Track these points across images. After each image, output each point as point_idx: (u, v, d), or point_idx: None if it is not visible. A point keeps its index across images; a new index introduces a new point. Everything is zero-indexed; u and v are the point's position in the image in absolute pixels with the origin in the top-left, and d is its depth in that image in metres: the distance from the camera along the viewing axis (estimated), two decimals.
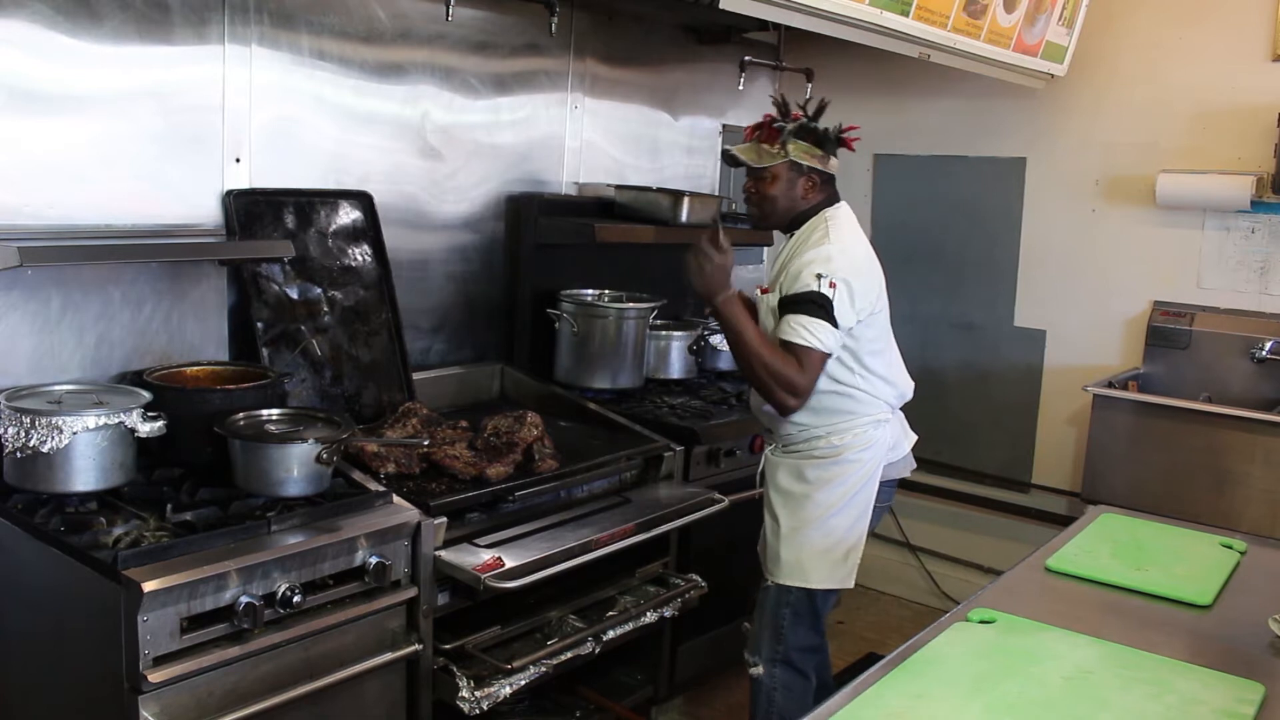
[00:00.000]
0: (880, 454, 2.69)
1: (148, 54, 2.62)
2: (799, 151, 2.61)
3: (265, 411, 2.49)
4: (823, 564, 2.65)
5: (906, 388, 2.78)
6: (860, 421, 2.66)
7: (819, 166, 2.64)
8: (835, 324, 2.50)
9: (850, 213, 2.72)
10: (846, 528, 2.67)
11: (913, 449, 2.87)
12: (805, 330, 2.49)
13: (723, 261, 2.57)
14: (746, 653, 2.78)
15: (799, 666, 2.71)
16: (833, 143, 2.65)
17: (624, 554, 2.83)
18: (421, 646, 2.45)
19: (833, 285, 2.49)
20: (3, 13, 2.36)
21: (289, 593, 2.17)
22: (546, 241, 3.54)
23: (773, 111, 2.68)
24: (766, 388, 2.54)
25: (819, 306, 2.48)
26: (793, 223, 2.68)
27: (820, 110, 2.68)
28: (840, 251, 2.56)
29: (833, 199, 2.69)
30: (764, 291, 2.71)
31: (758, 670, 2.73)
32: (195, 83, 2.73)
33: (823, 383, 2.58)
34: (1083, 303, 4.14)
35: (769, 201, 2.66)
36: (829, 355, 2.53)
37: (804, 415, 2.62)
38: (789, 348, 2.51)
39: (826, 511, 2.65)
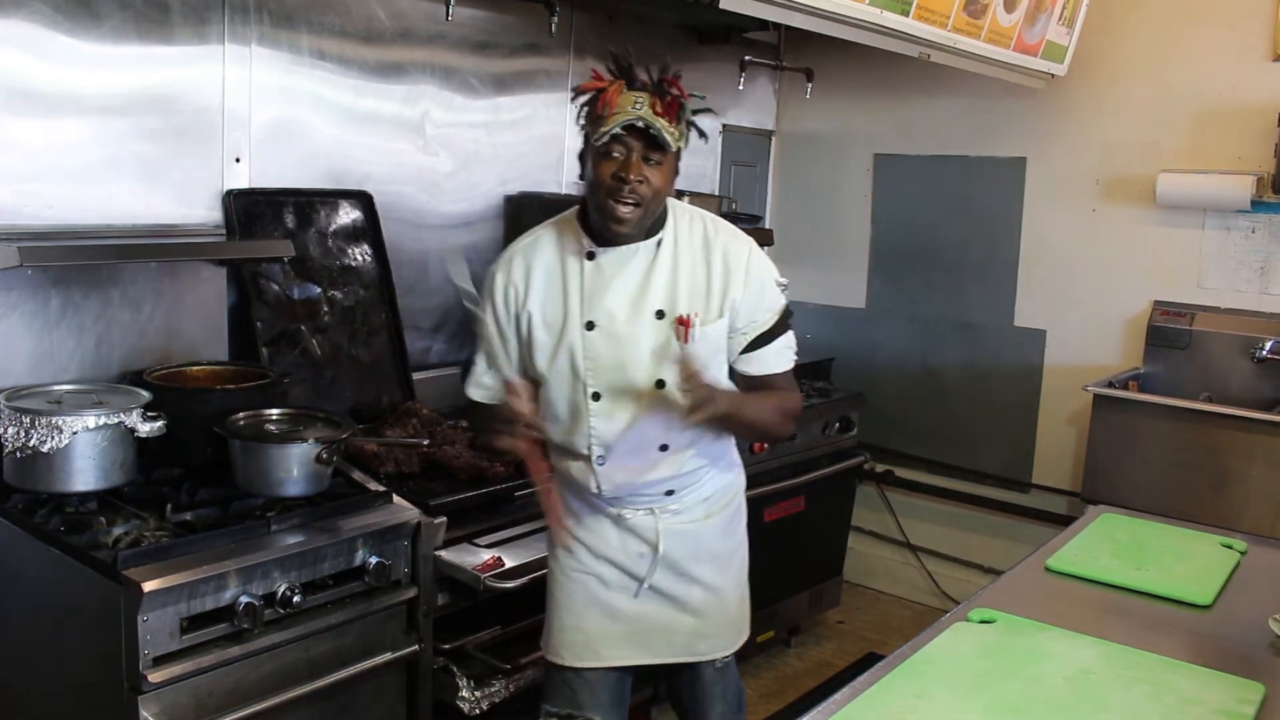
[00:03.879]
0: None
1: (148, 54, 2.62)
2: (682, 137, 2.01)
3: (265, 411, 2.49)
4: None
5: None
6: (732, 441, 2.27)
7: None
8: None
9: None
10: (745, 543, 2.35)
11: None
12: (790, 350, 2.12)
13: (717, 394, 1.94)
14: None
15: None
16: (689, 126, 2.05)
17: None
18: (421, 646, 2.45)
19: (785, 286, 2.12)
20: (3, 13, 2.36)
21: (289, 593, 2.17)
22: None
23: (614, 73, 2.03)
24: (782, 434, 2.24)
25: (788, 316, 2.11)
26: (651, 228, 2.03)
27: (664, 77, 2.00)
28: (752, 241, 2.12)
29: None
30: (686, 323, 1.99)
31: None
32: (195, 83, 2.73)
33: None
34: (1083, 303, 4.14)
35: (653, 196, 1.96)
36: None
37: (714, 445, 2.16)
38: (776, 377, 2.10)
39: (745, 545, 2.31)
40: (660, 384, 2.01)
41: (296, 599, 2.18)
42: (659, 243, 2.04)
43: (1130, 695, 1.60)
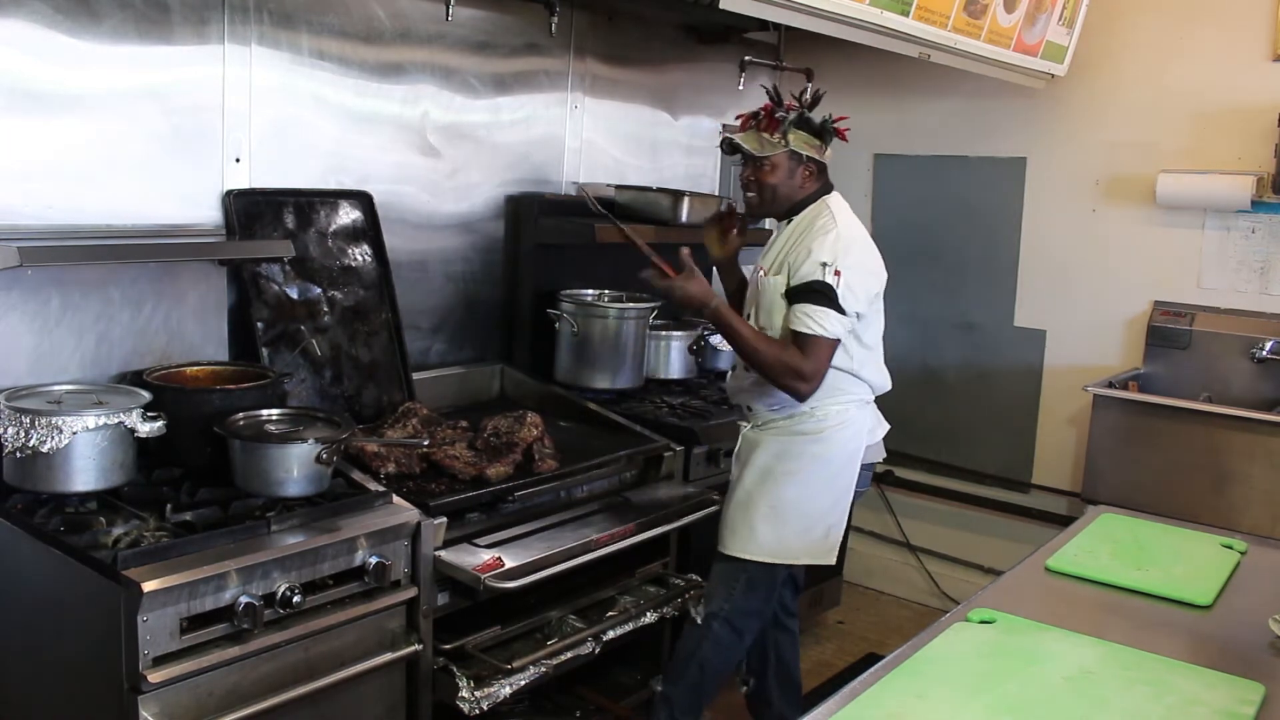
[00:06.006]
0: (862, 435, 2.73)
1: (148, 54, 2.62)
2: (799, 141, 2.65)
3: (265, 411, 2.49)
4: (801, 542, 2.70)
5: (886, 380, 2.82)
6: (843, 400, 2.70)
7: (816, 156, 2.68)
8: (841, 311, 2.55)
9: (844, 201, 2.75)
10: (828, 507, 2.71)
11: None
12: (810, 319, 2.54)
13: (689, 279, 2.61)
14: (693, 605, 2.85)
15: (737, 626, 2.75)
16: (830, 134, 2.70)
17: (624, 554, 2.83)
18: (421, 647, 2.45)
19: (837, 273, 2.54)
20: (3, 13, 2.36)
21: (289, 593, 2.17)
22: (546, 241, 3.54)
23: (767, 101, 2.72)
24: (774, 377, 2.59)
25: (823, 295, 2.54)
26: (790, 210, 2.71)
27: (816, 101, 2.73)
28: (845, 240, 2.60)
29: (827, 187, 2.73)
30: (764, 273, 2.71)
31: (697, 618, 2.80)
32: (195, 83, 2.73)
33: None
34: (1083, 303, 4.14)
35: (768, 190, 2.69)
36: (837, 341, 2.57)
37: (781, 397, 2.65)
38: (796, 337, 2.56)
39: (810, 491, 2.69)
40: (747, 316, 2.73)
41: (296, 599, 2.18)
42: (789, 222, 2.73)
43: (1130, 695, 1.60)
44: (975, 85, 4.09)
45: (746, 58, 4.32)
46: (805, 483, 2.69)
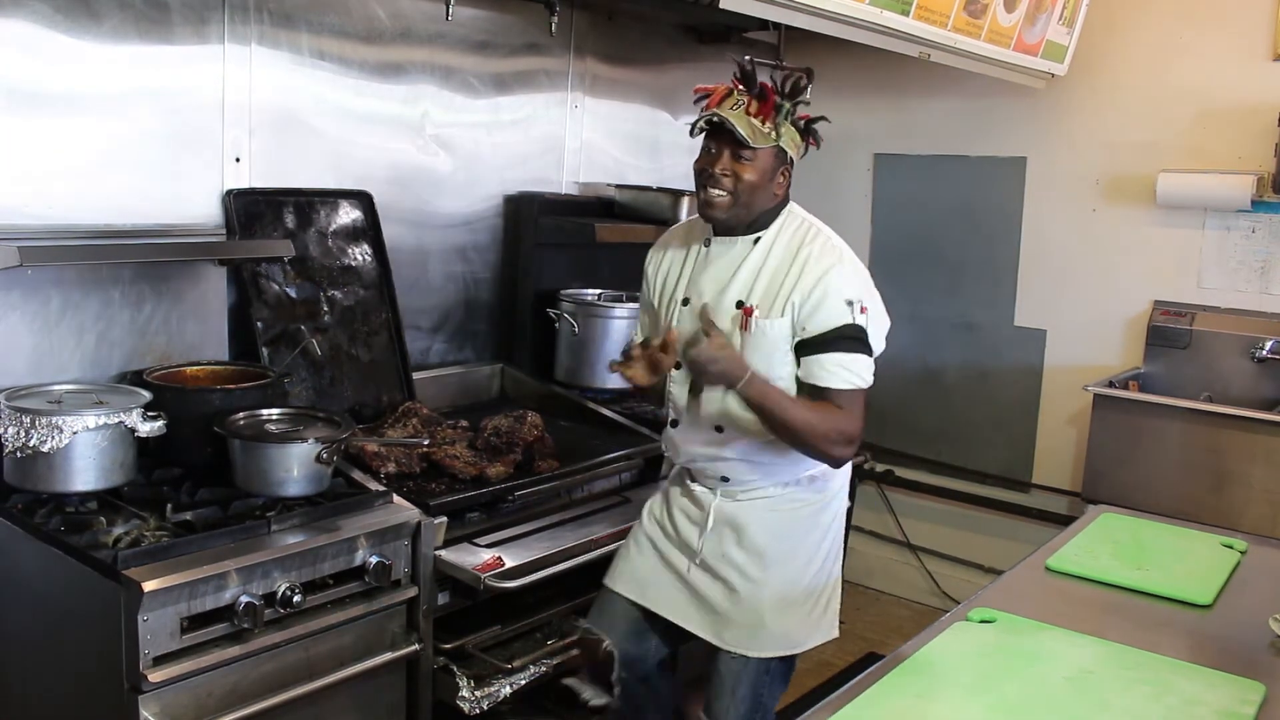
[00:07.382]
0: (846, 487, 2.39)
1: (148, 54, 2.62)
2: (788, 138, 2.16)
3: (265, 411, 2.49)
4: (810, 623, 2.30)
5: None
6: None
7: (795, 160, 2.22)
8: (871, 352, 2.17)
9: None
10: (830, 575, 2.35)
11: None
12: (848, 371, 2.12)
13: (723, 349, 2.08)
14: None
15: None
16: (814, 136, 2.24)
17: None
18: (421, 646, 2.45)
19: (864, 310, 2.13)
20: (3, 13, 2.36)
21: (289, 592, 2.17)
22: (546, 241, 3.54)
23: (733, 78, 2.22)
24: (820, 450, 2.14)
25: (855, 340, 2.12)
26: (752, 224, 2.21)
27: (796, 90, 2.18)
28: (856, 266, 2.20)
29: (787, 199, 2.28)
30: (749, 312, 2.18)
31: None
32: (195, 82, 2.72)
33: None
34: (1083, 303, 4.14)
35: (745, 189, 2.14)
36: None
37: (776, 452, 2.21)
38: (829, 393, 2.13)
39: (815, 566, 2.30)
40: None
41: (297, 599, 2.18)
42: (756, 240, 2.22)
43: (1131, 695, 1.60)
44: (975, 85, 4.08)
45: (746, 58, 4.31)
46: (813, 558, 2.29)
